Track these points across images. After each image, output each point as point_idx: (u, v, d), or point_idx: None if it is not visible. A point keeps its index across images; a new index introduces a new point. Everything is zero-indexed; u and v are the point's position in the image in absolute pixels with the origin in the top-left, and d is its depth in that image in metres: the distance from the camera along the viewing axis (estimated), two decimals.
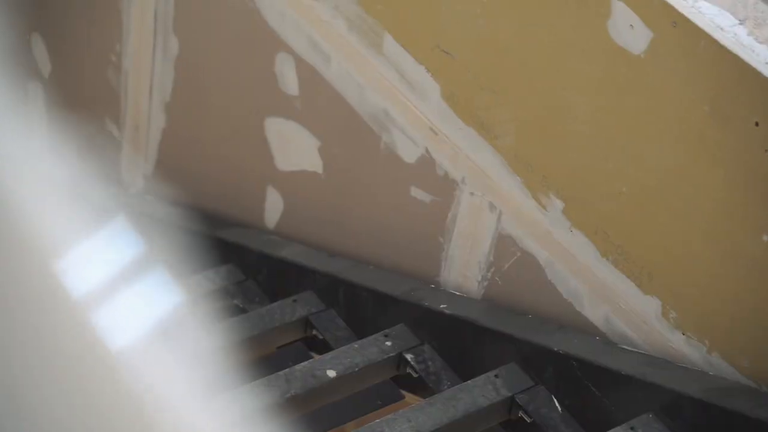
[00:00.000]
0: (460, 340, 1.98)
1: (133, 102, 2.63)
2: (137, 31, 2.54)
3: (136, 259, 0.61)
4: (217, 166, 2.48)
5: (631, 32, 1.67)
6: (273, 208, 2.37)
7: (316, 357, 2.05)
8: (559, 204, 1.86)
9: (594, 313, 1.87)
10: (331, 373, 1.96)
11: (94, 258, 0.61)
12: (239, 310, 2.30)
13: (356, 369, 1.98)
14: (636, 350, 1.82)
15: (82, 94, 2.81)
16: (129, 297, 0.61)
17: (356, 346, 2.02)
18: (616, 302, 1.84)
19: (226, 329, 2.06)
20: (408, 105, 2.02)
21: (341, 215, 2.24)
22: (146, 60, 2.55)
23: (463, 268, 2.04)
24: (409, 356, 2.01)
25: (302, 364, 1.97)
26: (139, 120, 2.63)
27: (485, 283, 2.02)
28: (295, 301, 2.19)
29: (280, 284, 2.29)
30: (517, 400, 1.86)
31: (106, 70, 2.67)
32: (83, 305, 0.59)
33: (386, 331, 2.05)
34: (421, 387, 2.00)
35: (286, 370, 1.95)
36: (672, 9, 1.63)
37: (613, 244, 1.81)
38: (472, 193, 1.98)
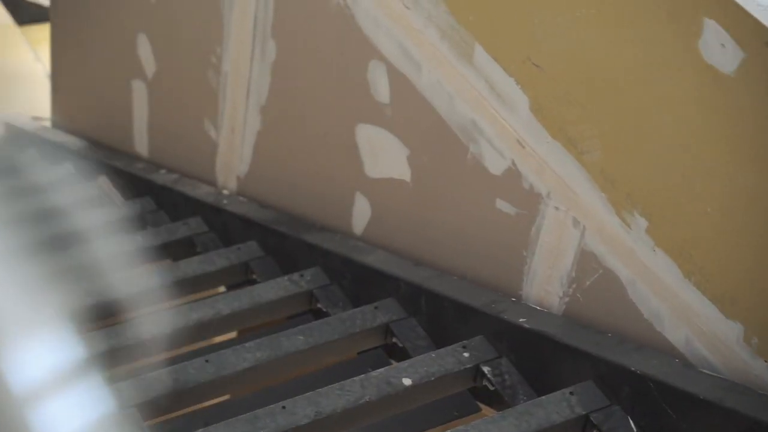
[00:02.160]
0: (538, 354, 1.97)
1: (230, 104, 2.68)
2: (237, 35, 2.59)
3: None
4: (307, 170, 2.50)
5: (722, 51, 1.64)
6: (360, 215, 2.39)
7: (394, 364, 2.05)
8: (642, 222, 1.83)
9: (674, 334, 1.84)
10: (407, 381, 1.97)
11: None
12: (322, 314, 2.32)
13: (432, 378, 1.98)
14: (715, 374, 1.78)
15: (183, 95, 2.86)
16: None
17: (433, 355, 2.02)
18: (698, 325, 1.80)
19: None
20: (496, 116, 2.02)
21: (427, 224, 2.24)
22: (245, 63, 2.59)
23: (545, 283, 2.03)
24: (486, 369, 2.00)
25: (378, 370, 1.98)
26: (235, 122, 2.68)
27: (566, 299, 2.00)
28: (376, 307, 2.20)
29: (364, 290, 2.30)
30: (592, 419, 1.84)
31: (207, 71, 2.72)
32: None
33: (465, 342, 2.04)
34: (497, 400, 2.00)
35: (362, 375, 1.97)
36: (765, 29, 1.60)
37: (696, 266, 1.78)
38: (556, 208, 1.97)
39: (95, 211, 2.91)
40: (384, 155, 2.29)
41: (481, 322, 2.05)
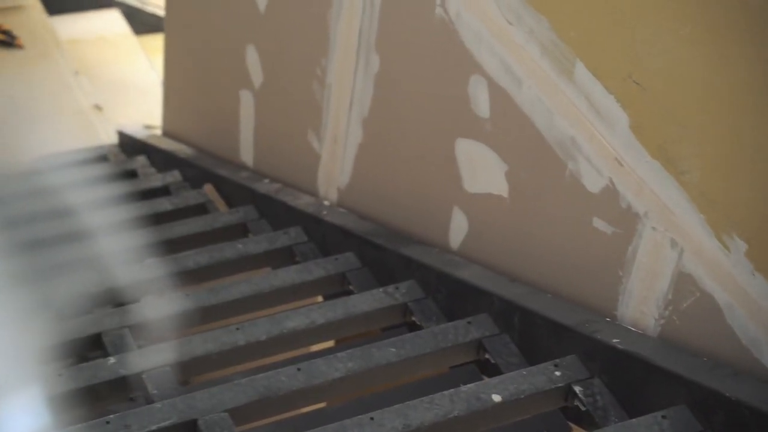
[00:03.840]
0: (631, 376, 1.94)
1: (333, 116, 2.70)
2: (342, 47, 2.61)
3: None
4: (406, 183, 2.51)
5: None
6: (458, 229, 2.39)
7: (484, 380, 2.04)
8: (742, 245, 1.79)
9: None
10: (496, 398, 1.96)
11: None
12: (416, 327, 2.32)
13: (522, 396, 1.96)
14: None
15: (288, 106, 2.90)
16: None
17: (524, 372, 2.00)
18: None
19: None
20: (595, 134, 2.00)
21: (523, 241, 2.23)
22: (348, 75, 2.61)
23: (641, 304, 2.00)
24: (577, 388, 1.98)
25: (468, 385, 1.97)
26: (338, 134, 2.70)
27: (662, 321, 1.96)
28: (469, 322, 2.20)
29: (458, 305, 2.29)
30: None
31: (312, 83, 2.75)
32: None
33: (557, 360, 2.02)
34: (588, 420, 1.97)
35: (452, 390, 1.96)
36: None
37: None
38: (654, 228, 1.94)
39: (199, 218, 2.97)
40: (482, 170, 2.28)
41: (574, 341, 2.03)
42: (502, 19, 2.13)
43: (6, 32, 4.56)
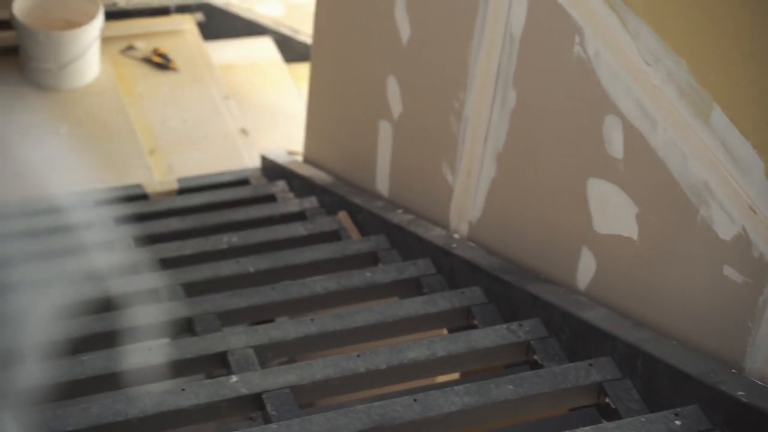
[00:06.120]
0: (755, 431, 1.88)
1: (468, 149, 2.71)
2: (480, 81, 2.62)
3: None
4: (536, 221, 2.49)
5: None
6: (585, 269, 2.36)
7: (600, 425, 2.00)
8: None
9: None
10: None
11: None
12: (538, 366, 2.30)
13: None
14: None
15: (424, 138, 2.91)
16: None
17: (643, 419, 1.96)
18: None
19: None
20: (729, 180, 1.95)
21: (651, 284, 2.18)
22: (485, 109, 2.61)
23: None
24: None
25: (584, 428, 1.94)
26: (472, 167, 2.70)
27: None
28: (591, 365, 2.16)
29: (581, 346, 2.26)
30: None
31: (449, 116, 2.76)
32: None
33: (678, 409, 1.98)
34: None
35: None
36: None
37: None
38: None
39: (331, 245, 3.00)
40: (613, 211, 2.25)
41: (696, 391, 1.98)
42: (641, 60, 2.11)
43: (162, 55, 4.71)
